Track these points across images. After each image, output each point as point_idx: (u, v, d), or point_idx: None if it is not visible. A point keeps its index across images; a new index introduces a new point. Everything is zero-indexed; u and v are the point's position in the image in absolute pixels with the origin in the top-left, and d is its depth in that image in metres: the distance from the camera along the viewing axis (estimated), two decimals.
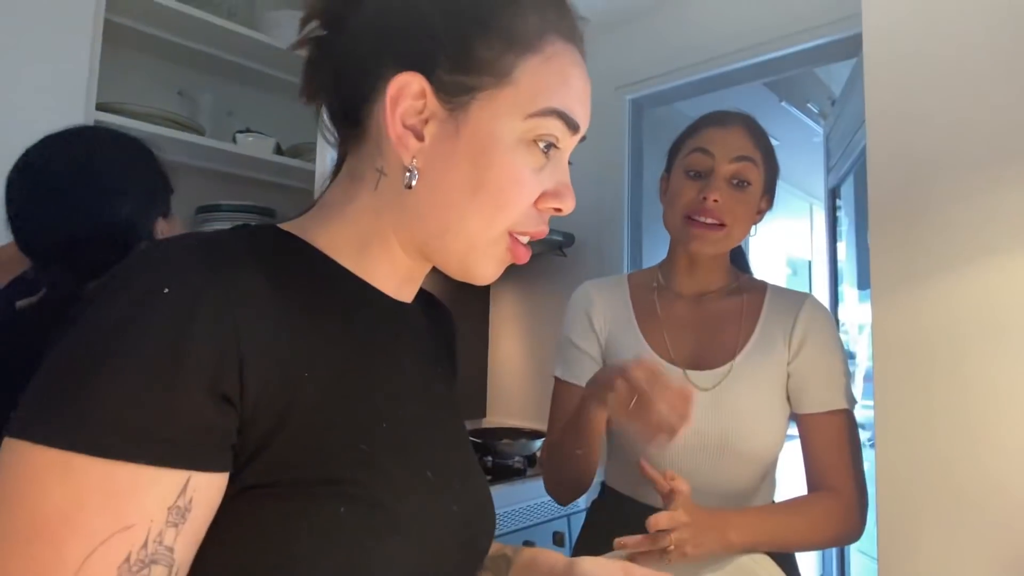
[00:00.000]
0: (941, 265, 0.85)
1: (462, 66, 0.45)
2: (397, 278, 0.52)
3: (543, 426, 1.27)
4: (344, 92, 0.49)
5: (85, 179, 0.86)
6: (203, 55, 1.63)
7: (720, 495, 0.94)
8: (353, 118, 0.49)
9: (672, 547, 0.77)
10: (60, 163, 0.86)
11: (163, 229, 0.95)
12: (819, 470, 0.94)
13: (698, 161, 0.98)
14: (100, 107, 1.31)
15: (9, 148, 0.88)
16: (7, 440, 0.35)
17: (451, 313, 0.62)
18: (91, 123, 1.30)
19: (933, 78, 0.87)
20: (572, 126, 0.48)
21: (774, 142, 1.04)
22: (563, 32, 0.49)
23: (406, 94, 0.45)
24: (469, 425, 1.92)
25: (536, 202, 0.48)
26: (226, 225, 1.51)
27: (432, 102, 0.46)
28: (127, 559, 0.34)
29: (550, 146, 0.48)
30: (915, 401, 0.85)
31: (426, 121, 0.46)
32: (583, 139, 0.52)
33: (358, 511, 0.42)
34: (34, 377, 0.37)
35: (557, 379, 1.08)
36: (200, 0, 1.54)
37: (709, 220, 0.96)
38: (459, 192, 0.46)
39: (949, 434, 0.82)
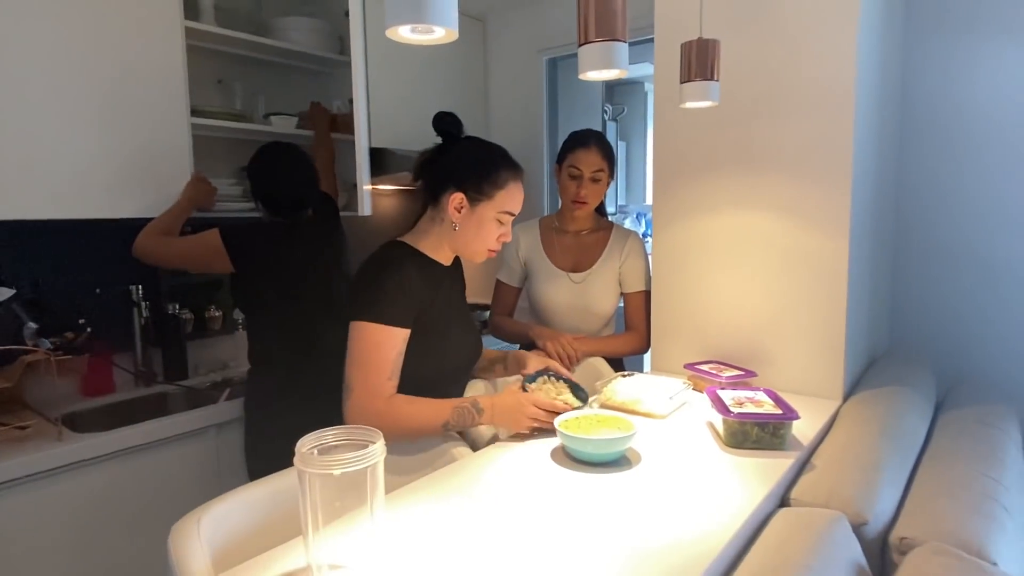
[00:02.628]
0: (683, 215, 1.74)
1: (476, 192, 1.27)
2: (446, 258, 1.36)
3: (487, 300, 2.18)
4: (434, 188, 1.30)
5: (299, 169, 1.80)
6: (235, 55, 2.26)
7: (584, 334, 1.88)
8: (435, 197, 1.31)
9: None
10: (286, 160, 1.80)
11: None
12: (629, 319, 1.90)
13: (573, 171, 1.84)
14: (194, 112, 1.98)
15: (129, 133, 1.78)
16: (355, 322, 1.20)
17: (461, 261, 1.47)
18: (189, 123, 1.97)
19: (680, 117, 1.71)
20: (513, 214, 1.32)
21: None
22: (513, 175, 1.31)
23: (456, 199, 1.27)
24: None
25: (497, 238, 1.32)
26: None
27: (465, 203, 1.27)
28: (398, 356, 1.21)
29: (502, 223, 1.31)
30: (672, 278, 1.78)
31: (462, 208, 1.28)
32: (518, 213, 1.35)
33: (437, 336, 1.29)
34: (356, 294, 1.22)
35: (499, 281, 1.97)
36: (229, 19, 2.16)
37: (580, 201, 1.84)
38: (470, 237, 1.30)
39: (684, 291, 1.76)
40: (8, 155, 1.61)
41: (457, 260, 1.43)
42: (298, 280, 1.80)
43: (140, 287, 2.06)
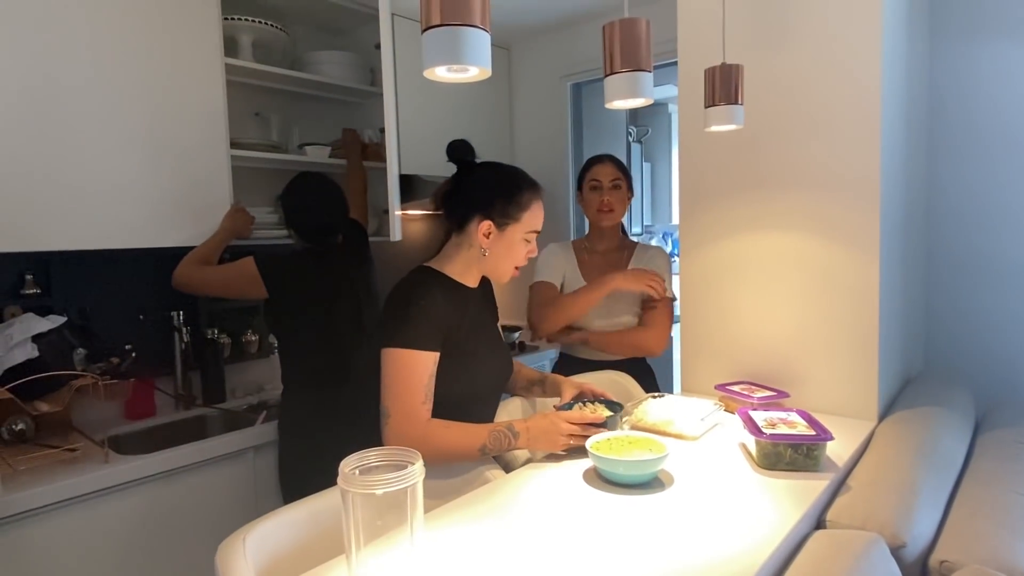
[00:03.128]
0: (710, 236, 1.75)
1: (503, 217, 1.31)
2: (473, 280, 1.39)
3: (518, 322, 2.21)
4: (459, 217, 1.34)
5: (327, 197, 1.86)
6: (271, 88, 2.36)
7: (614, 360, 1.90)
8: (461, 226, 1.34)
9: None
10: (315, 189, 1.86)
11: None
12: (644, 318, 1.91)
13: (593, 183, 1.91)
14: (233, 144, 2.06)
15: (172, 165, 1.86)
16: (386, 349, 1.24)
17: (491, 284, 1.50)
18: (228, 155, 2.05)
19: (705, 139, 1.73)
20: (538, 231, 1.35)
21: None
22: (535, 194, 1.34)
23: (484, 226, 1.30)
24: None
25: (525, 256, 1.35)
26: None
27: (492, 228, 1.31)
28: (429, 379, 1.24)
29: (528, 241, 1.34)
30: (701, 299, 1.79)
31: (490, 233, 1.31)
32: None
33: (466, 357, 1.32)
34: (385, 322, 1.26)
35: (540, 281, 1.99)
36: (265, 55, 2.26)
37: (606, 209, 1.90)
38: (500, 259, 1.33)
39: (712, 312, 1.77)
40: (58, 189, 1.70)
41: (486, 282, 1.46)
42: (327, 305, 1.85)
43: (181, 313, 2.13)
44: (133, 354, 1.98)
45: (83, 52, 1.74)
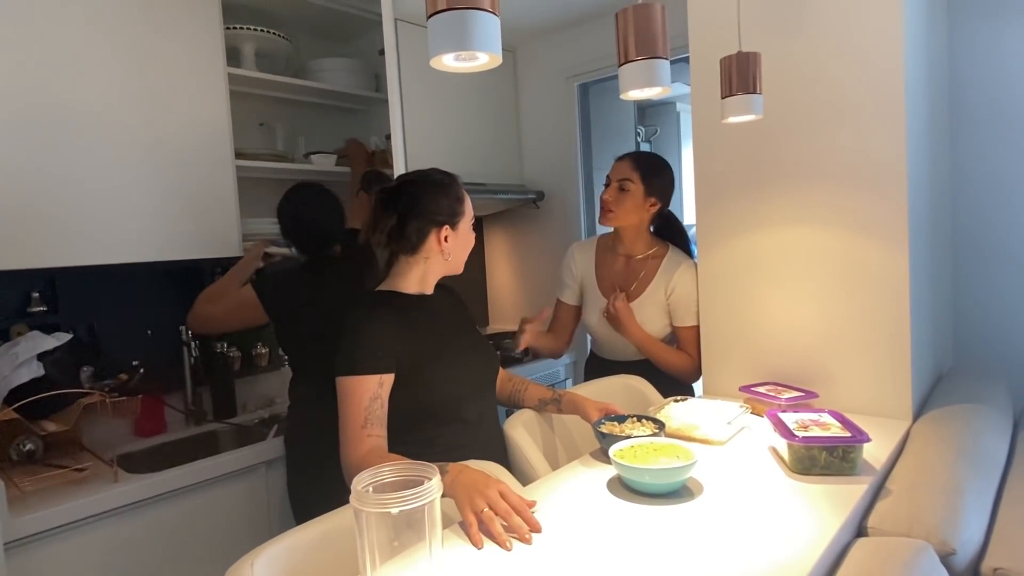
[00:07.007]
0: (729, 233, 1.70)
1: (452, 217, 1.30)
2: (425, 288, 1.36)
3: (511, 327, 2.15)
4: (414, 242, 1.31)
5: (322, 207, 1.79)
6: (275, 97, 2.33)
7: (628, 358, 1.84)
8: (415, 247, 1.31)
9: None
10: (310, 199, 1.79)
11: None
12: (682, 349, 1.83)
13: (607, 180, 1.83)
14: (238, 155, 2.03)
15: (176, 178, 1.84)
16: (338, 377, 1.22)
17: (454, 288, 1.49)
18: (234, 165, 2.02)
19: (721, 132, 1.67)
20: (472, 218, 1.35)
21: None
22: (457, 183, 1.34)
23: (444, 232, 1.30)
24: None
25: (472, 240, 1.36)
26: None
27: (449, 231, 1.30)
28: (371, 402, 1.20)
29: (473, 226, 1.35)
30: (721, 298, 1.73)
31: (448, 236, 1.30)
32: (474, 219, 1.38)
33: (424, 364, 1.27)
34: (339, 352, 1.23)
35: (557, 299, 1.98)
36: (268, 64, 2.23)
37: (605, 209, 1.83)
38: (460, 253, 1.34)
39: (734, 311, 1.71)
40: (62, 204, 1.67)
41: (444, 287, 1.44)
42: (327, 322, 1.76)
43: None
44: (141, 370, 1.94)
45: (85, 66, 1.71)
